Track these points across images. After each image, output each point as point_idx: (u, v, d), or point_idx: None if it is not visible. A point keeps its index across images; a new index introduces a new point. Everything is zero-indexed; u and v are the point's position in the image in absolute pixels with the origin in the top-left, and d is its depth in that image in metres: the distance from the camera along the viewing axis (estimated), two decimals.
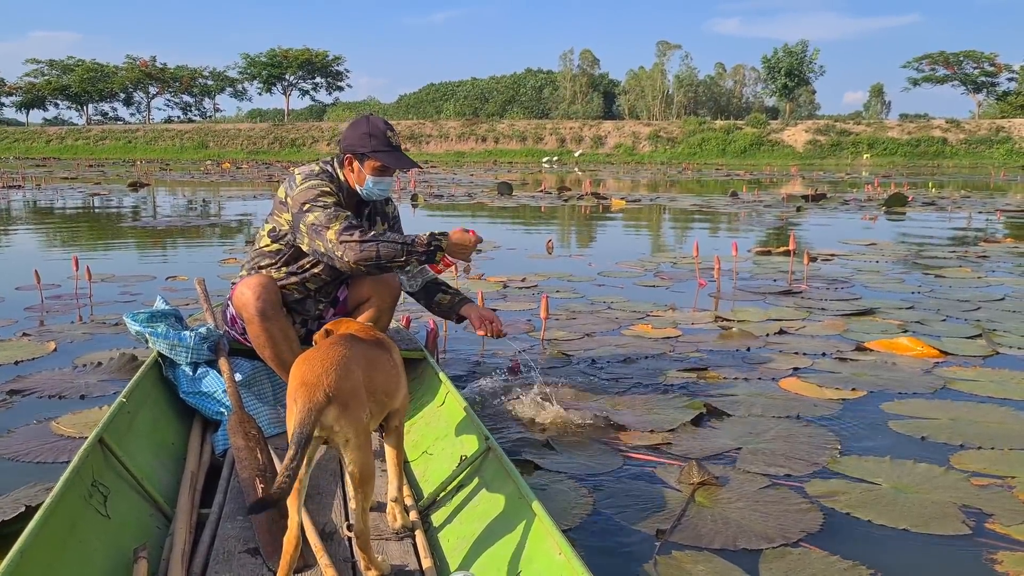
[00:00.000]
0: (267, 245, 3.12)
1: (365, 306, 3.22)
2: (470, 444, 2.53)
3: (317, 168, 3.07)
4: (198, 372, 2.95)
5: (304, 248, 2.96)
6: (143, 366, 2.96)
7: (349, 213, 2.92)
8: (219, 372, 2.92)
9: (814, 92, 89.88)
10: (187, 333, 2.95)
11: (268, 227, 3.12)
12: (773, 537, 2.41)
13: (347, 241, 2.79)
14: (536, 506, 1.96)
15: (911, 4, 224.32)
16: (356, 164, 3.03)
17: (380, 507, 2.34)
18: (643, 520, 2.52)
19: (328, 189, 2.97)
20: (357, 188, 3.07)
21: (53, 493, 1.83)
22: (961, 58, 72.10)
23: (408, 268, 3.00)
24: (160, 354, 3.01)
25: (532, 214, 15.43)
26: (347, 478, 2.14)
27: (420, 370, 3.40)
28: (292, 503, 1.86)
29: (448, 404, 2.94)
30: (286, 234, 3.03)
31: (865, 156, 56.41)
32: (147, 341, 3.01)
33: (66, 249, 9.64)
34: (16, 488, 2.66)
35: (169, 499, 2.32)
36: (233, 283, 3.20)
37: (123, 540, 1.98)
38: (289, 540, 1.86)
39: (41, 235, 11.43)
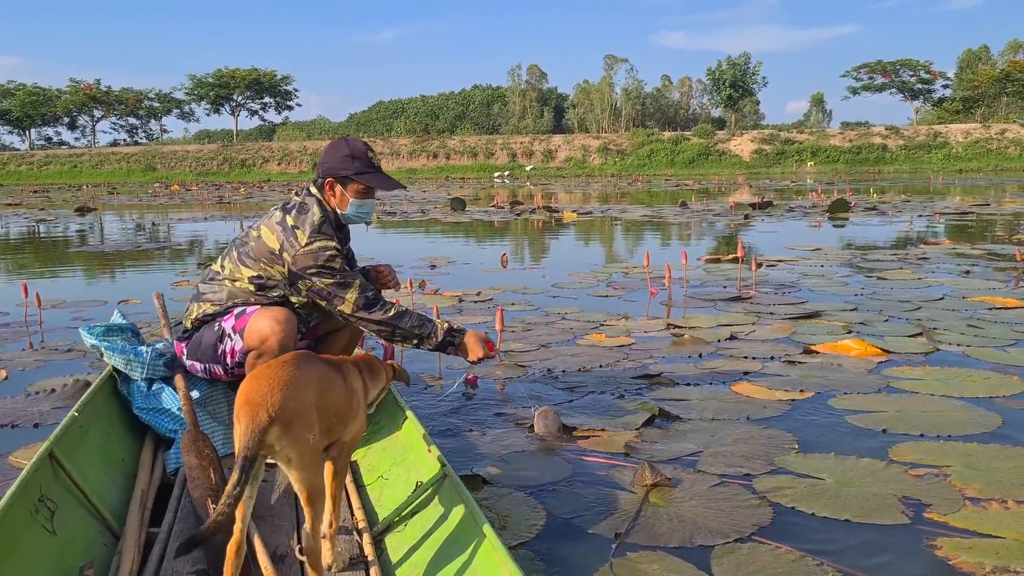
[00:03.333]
0: (252, 290, 2.96)
1: (335, 334, 3.23)
2: (426, 469, 2.51)
3: (316, 216, 2.94)
4: (153, 388, 2.93)
5: (302, 297, 2.94)
6: (97, 380, 2.93)
7: (361, 280, 2.91)
8: (174, 389, 2.91)
9: (758, 102, 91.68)
10: (143, 348, 2.94)
11: (248, 272, 2.95)
12: (727, 532, 2.51)
13: (363, 319, 2.90)
14: (488, 532, 1.96)
15: (849, 15, 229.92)
16: (338, 188, 2.99)
17: (340, 531, 2.34)
18: (599, 524, 2.59)
19: (335, 252, 2.89)
20: (338, 212, 3.05)
21: None
22: (898, 66, 74.25)
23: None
24: (115, 369, 2.98)
25: (485, 229, 15.51)
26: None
27: None
28: (239, 515, 1.85)
29: (405, 429, 2.91)
30: (277, 286, 2.94)
31: (809, 164, 57.64)
32: (102, 355, 2.98)
33: (12, 276, 9.47)
34: None
35: (118, 516, 2.29)
36: (206, 313, 3.01)
37: (69, 557, 1.95)
38: (229, 557, 1.85)
39: None
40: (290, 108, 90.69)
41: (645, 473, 2.90)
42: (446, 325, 3.00)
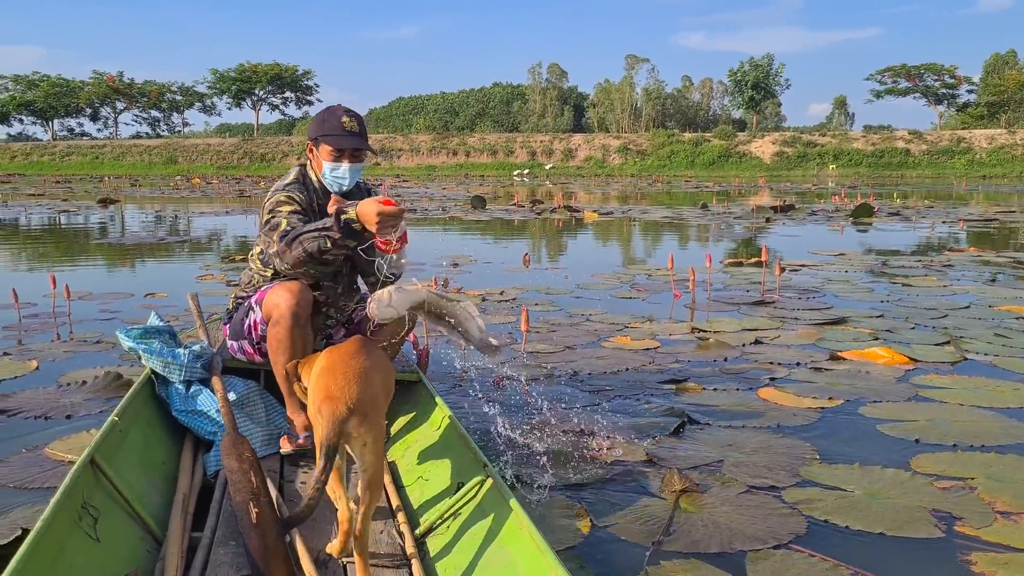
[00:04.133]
0: (259, 269, 3.09)
1: (381, 330, 3.20)
2: (467, 470, 2.51)
3: (292, 175, 3.04)
4: (191, 390, 2.95)
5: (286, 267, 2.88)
6: (136, 384, 2.93)
7: (288, 220, 2.80)
8: (212, 391, 2.92)
9: (780, 104, 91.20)
10: (181, 351, 2.96)
11: (257, 249, 3.09)
12: (764, 539, 2.50)
13: (280, 252, 2.71)
14: (535, 535, 1.95)
15: (871, 18, 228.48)
16: (315, 151, 3.02)
17: (381, 531, 2.36)
18: (630, 529, 2.59)
19: (285, 198, 2.91)
20: (321, 178, 3.03)
21: (43, 516, 1.79)
22: (922, 70, 73.61)
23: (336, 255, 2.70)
24: (153, 371, 3.00)
25: (506, 227, 15.52)
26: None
27: (415, 392, 3.37)
28: (339, 492, 2.12)
29: (444, 428, 2.92)
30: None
31: (831, 167, 57.32)
32: (140, 357, 3.01)
33: (39, 267, 9.57)
34: (13, 509, 2.68)
35: (160, 521, 2.28)
36: (238, 296, 3.19)
37: (113, 565, 1.94)
38: (342, 530, 2.09)
39: (11, 253, 11.31)
40: (310, 103, 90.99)
41: (673, 479, 2.89)
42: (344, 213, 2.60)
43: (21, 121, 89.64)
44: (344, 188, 3.03)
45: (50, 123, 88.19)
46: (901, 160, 58.53)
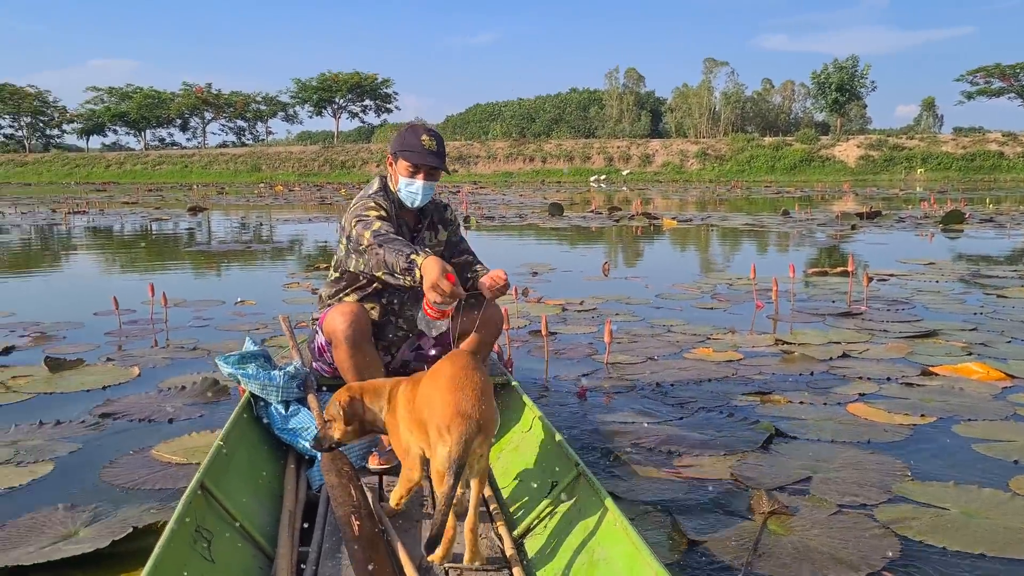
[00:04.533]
0: (334, 277, 3.25)
1: (466, 339, 3.24)
2: (561, 470, 2.55)
3: (376, 185, 3.19)
4: (290, 410, 3.05)
5: (361, 267, 3.03)
6: (237, 407, 3.04)
7: (383, 224, 2.91)
8: (309, 409, 3.03)
9: (865, 107, 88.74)
10: (276, 372, 3.07)
11: (335, 258, 3.25)
12: (857, 565, 2.45)
13: (369, 247, 2.82)
14: (632, 534, 1.99)
15: (963, 16, 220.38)
16: (394, 165, 3.15)
17: (480, 532, 2.39)
18: (719, 551, 2.56)
19: (373, 204, 3.05)
20: (398, 193, 3.15)
21: (160, 542, 1.86)
22: (1018, 70, 70.67)
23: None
24: (252, 394, 3.12)
25: (584, 235, 15.51)
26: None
27: (506, 395, 3.44)
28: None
29: (535, 429, 2.99)
30: (342, 276, 3.18)
31: (919, 171, 55.49)
32: (239, 382, 3.14)
33: (134, 273, 9.97)
34: (123, 508, 2.82)
35: (270, 538, 2.36)
36: (314, 317, 3.33)
37: None
38: (448, 531, 2.18)
39: (110, 260, 11.81)
40: (389, 111, 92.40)
41: (762, 500, 2.86)
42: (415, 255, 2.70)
43: (115, 131, 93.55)
44: (415, 204, 3.15)
45: (142, 133, 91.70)
46: (994, 163, 56.28)
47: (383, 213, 3.02)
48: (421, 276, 2.59)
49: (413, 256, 2.64)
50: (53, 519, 2.76)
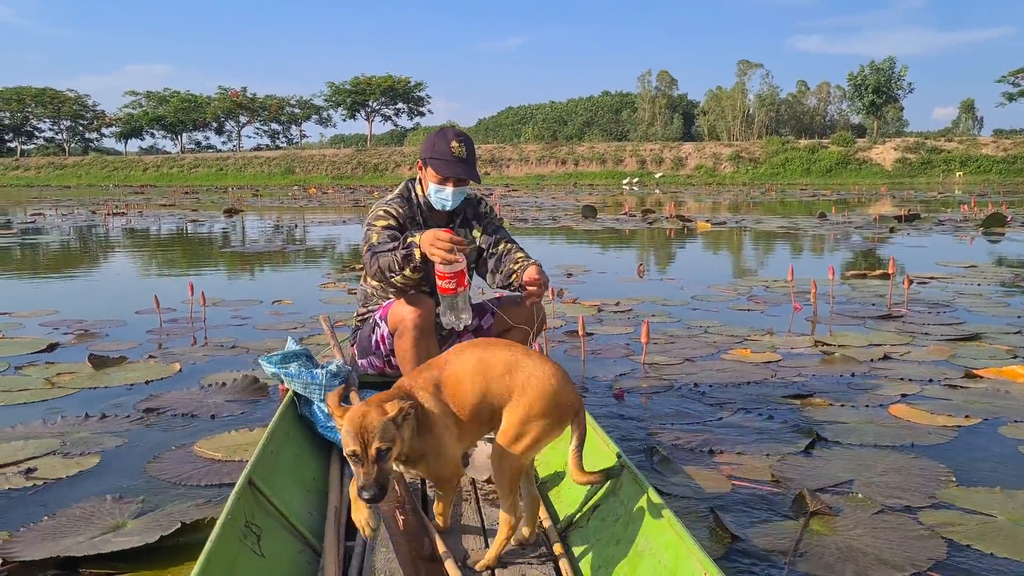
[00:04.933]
0: (377, 287, 3.29)
1: (508, 335, 3.24)
2: (603, 462, 2.56)
3: (398, 190, 3.26)
4: None
5: None
6: (280, 406, 3.07)
7: (379, 235, 3.01)
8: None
9: (902, 109, 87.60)
10: (318, 371, 3.09)
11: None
12: (902, 565, 2.42)
13: (365, 263, 2.98)
14: (676, 525, 1.99)
15: (1003, 16, 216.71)
16: (423, 171, 3.19)
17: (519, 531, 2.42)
18: (762, 550, 2.55)
19: (384, 212, 3.11)
20: (428, 197, 3.20)
21: (212, 536, 1.89)
22: None
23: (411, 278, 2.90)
24: (295, 393, 3.16)
25: (617, 237, 15.47)
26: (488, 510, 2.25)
27: None
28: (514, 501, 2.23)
29: None
30: None
31: (957, 174, 54.68)
32: (282, 381, 3.17)
33: (173, 274, 10.11)
34: (170, 503, 2.86)
35: (317, 534, 2.38)
36: (359, 314, 3.37)
37: None
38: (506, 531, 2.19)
39: (149, 260, 11.98)
40: (422, 114, 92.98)
41: (805, 500, 2.83)
42: (410, 238, 2.84)
43: (153, 135, 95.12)
44: (448, 208, 3.21)
45: (179, 137, 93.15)
46: None
47: (391, 223, 3.09)
48: (422, 253, 2.71)
49: (408, 240, 2.78)
50: (102, 509, 2.81)
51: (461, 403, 2.16)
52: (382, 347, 3.25)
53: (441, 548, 2.20)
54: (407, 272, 2.83)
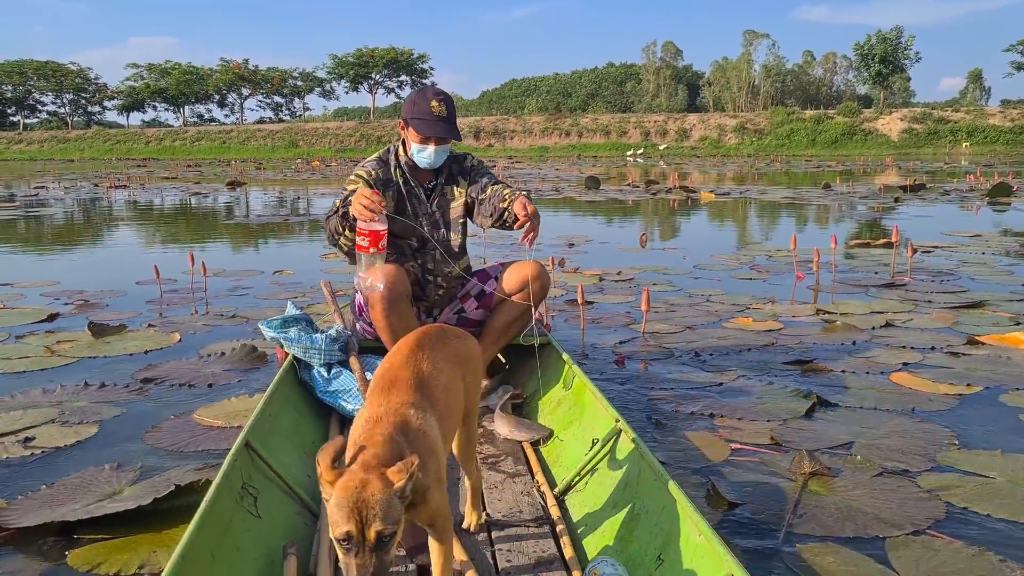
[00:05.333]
0: None
1: (512, 300, 3.25)
2: (600, 426, 2.57)
3: (378, 153, 3.28)
4: (332, 372, 3.07)
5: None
6: (280, 370, 3.05)
7: (344, 199, 3.02)
8: (351, 371, 3.03)
9: (909, 79, 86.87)
10: (318, 336, 3.08)
11: None
12: (901, 524, 2.41)
13: (326, 223, 3.03)
14: (672, 487, 1.98)
15: None
16: (406, 130, 3.18)
17: (523, 493, 2.44)
18: (760, 510, 2.54)
19: (355, 177, 3.15)
20: (411, 157, 3.20)
21: (207, 498, 1.88)
22: None
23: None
24: (295, 357, 3.14)
25: (621, 208, 15.40)
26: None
27: (546, 355, 3.46)
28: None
29: (576, 387, 3.01)
30: None
31: (964, 145, 54.27)
32: (282, 346, 3.15)
33: (175, 246, 10.09)
34: (168, 470, 2.86)
35: (315, 497, 2.38)
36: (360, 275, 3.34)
37: (273, 538, 2.05)
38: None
39: (151, 232, 11.96)
40: (425, 86, 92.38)
41: (803, 461, 2.82)
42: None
43: (155, 108, 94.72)
44: (431, 166, 3.22)
45: (181, 110, 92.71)
46: None
47: (360, 186, 3.09)
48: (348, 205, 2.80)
49: (347, 199, 2.88)
50: (100, 478, 2.80)
51: (445, 400, 1.84)
52: (364, 314, 3.27)
53: None
54: (347, 233, 2.91)
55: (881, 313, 5.37)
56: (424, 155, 3.15)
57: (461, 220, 3.36)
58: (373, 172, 3.17)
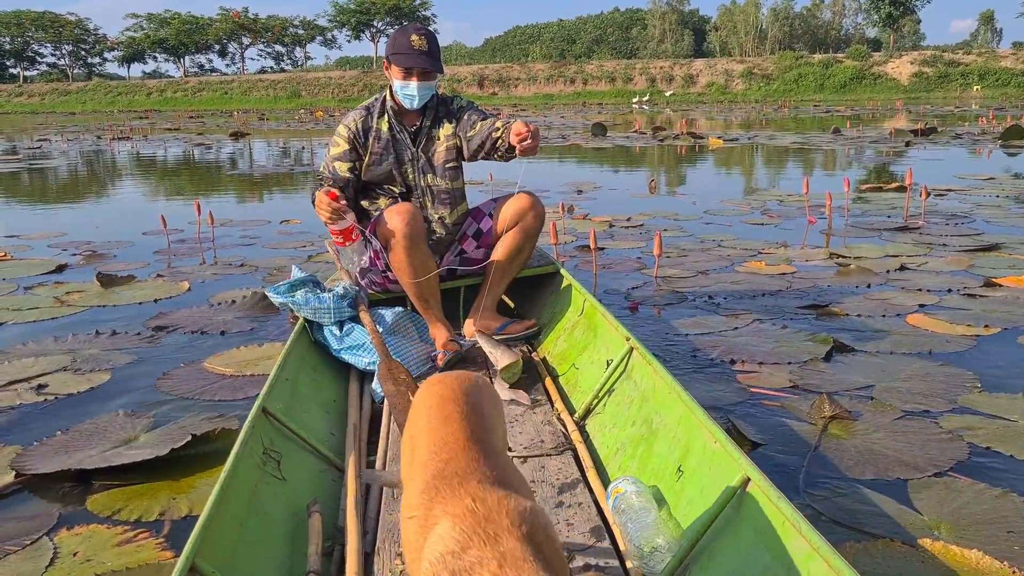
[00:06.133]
0: (366, 205, 3.29)
1: (510, 234, 3.21)
2: (614, 347, 2.56)
3: (370, 100, 3.21)
4: (344, 329, 3.03)
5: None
6: (292, 334, 3.00)
7: (327, 167, 3.13)
8: (363, 326, 3.00)
9: (919, 21, 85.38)
10: (326, 295, 3.04)
11: None
12: (923, 466, 2.39)
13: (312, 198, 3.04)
14: (686, 398, 1.99)
15: None
16: (389, 70, 3.10)
17: (544, 422, 2.45)
18: (780, 453, 2.52)
19: (338, 136, 3.13)
20: (396, 97, 3.14)
21: (227, 466, 1.82)
22: None
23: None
24: (306, 320, 3.11)
25: (628, 155, 15.25)
26: None
27: (555, 283, 3.46)
28: None
29: (587, 312, 3.01)
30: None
31: (975, 88, 53.56)
32: (291, 310, 3.12)
33: (180, 197, 10.03)
34: (182, 418, 2.85)
35: (339, 453, 2.37)
36: (351, 262, 3.31)
37: (301, 498, 2.02)
38: None
39: (156, 184, 11.89)
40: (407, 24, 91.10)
41: (824, 405, 2.80)
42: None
43: (155, 59, 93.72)
44: (415, 105, 3.12)
45: (181, 60, 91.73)
46: None
47: (344, 148, 3.12)
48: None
49: (314, 194, 2.93)
50: (114, 424, 2.80)
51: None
52: (378, 263, 3.20)
53: None
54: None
55: (895, 256, 5.31)
56: (407, 91, 3.06)
57: (451, 164, 3.24)
58: (353, 124, 3.11)
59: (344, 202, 2.87)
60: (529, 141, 2.85)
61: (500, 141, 3.05)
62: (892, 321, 3.90)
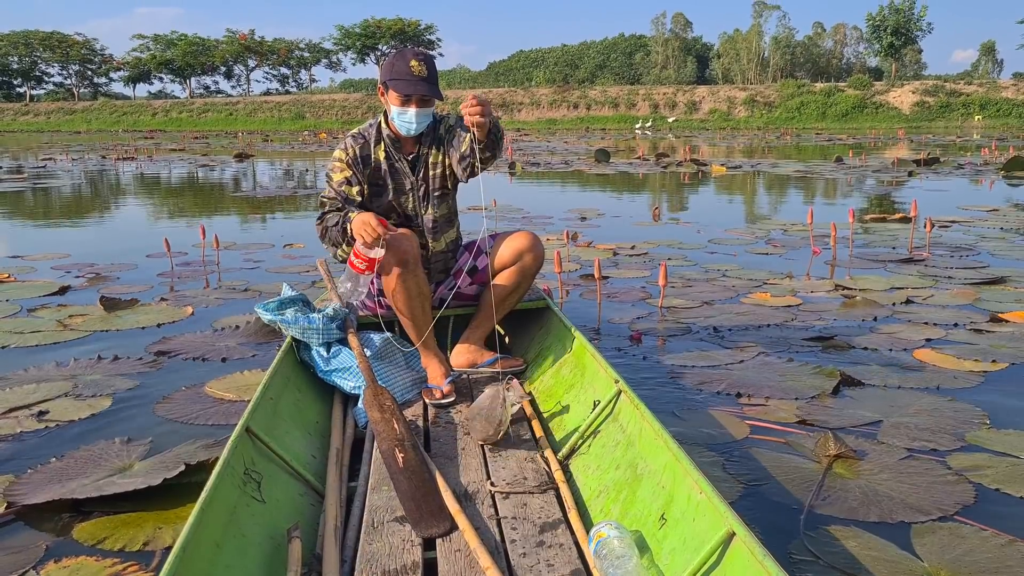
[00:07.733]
0: None
1: (506, 272, 3.15)
2: (601, 388, 2.54)
3: (362, 126, 3.13)
4: (331, 351, 3.01)
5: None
6: (279, 353, 2.98)
7: (334, 190, 3.01)
8: (351, 348, 2.98)
9: (920, 51, 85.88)
10: (315, 316, 3.02)
11: None
12: (927, 510, 2.35)
13: (319, 221, 3.03)
14: (672, 445, 1.96)
15: None
16: (386, 95, 2.98)
17: (527, 459, 2.41)
18: (782, 492, 2.49)
19: (338, 160, 3.03)
20: (392, 123, 3.02)
21: (207, 487, 1.82)
22: None
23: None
24: (294, 338, 3.09)
25: (631, 181, 15.28)
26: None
27: (545, 319, 3.43)
28: None
29: (576, 350, 2.96)
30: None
31: (976, 118, 53.74)
32: (279, 328, 3.10)
33: (184, 218, 10.04)
34: (180, 444, 2.82)
35: (320, 477, 2.34)
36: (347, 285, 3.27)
37: (279, 522, 2.00)
38: None
39: (160, 205, 11.91)
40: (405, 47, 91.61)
41: (828, 443, 2.77)
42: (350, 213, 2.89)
43: (161, 79, 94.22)
44: (412, 133, 3.01)
45: (187, 81, 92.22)
46: None
47: (347, 174, 3.02)
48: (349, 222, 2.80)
49: (348, 215, 2.85)
50: (110, 451, 2.77)
51: None
52: (371, 288, 3.16)
53: (441, 483, 2.18)
54: (345, 247, 2.91)
55: (901, 289, 5.30)
56: (405, 119, 2.95)
57: (441, 190, 3.16)
58: (351, 150, 3.01)
59: (390, 233, 2.76)
60: (478, 114, 2.68)
61: (464, 145, 2.93)
62: (898, 355, 3.88)
